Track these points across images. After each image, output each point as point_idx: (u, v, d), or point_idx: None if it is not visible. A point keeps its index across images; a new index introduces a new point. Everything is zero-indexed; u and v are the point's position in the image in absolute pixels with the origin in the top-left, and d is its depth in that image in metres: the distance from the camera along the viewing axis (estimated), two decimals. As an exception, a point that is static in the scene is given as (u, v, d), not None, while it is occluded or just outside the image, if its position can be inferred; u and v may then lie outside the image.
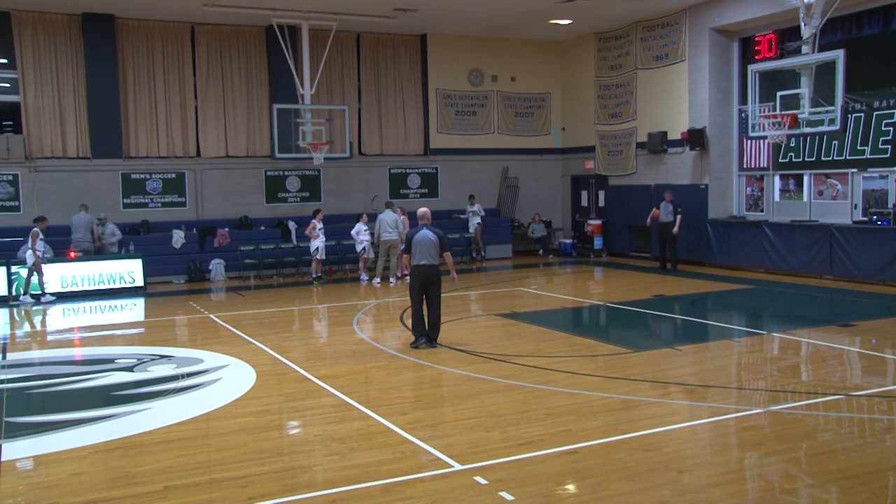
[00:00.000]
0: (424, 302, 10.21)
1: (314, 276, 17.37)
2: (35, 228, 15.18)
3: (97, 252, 16.66)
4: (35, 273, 15.10)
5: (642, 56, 20.00)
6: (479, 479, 5.58)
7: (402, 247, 10.55)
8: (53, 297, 15.38)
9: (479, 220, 20.50)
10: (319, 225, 17.20)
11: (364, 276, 17.24)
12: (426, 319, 10.21)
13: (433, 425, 7.01)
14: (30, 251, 15.01)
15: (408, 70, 21.40)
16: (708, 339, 10.81)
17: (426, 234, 10.14)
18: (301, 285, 17.13)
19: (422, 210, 10.76)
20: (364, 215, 17.52)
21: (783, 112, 13.69)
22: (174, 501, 5.37)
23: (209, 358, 9.82)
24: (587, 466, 5.82)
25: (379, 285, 16.52)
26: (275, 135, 18.21)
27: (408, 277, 10.32)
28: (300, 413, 7.58)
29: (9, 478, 5.90)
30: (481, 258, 20.60)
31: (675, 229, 17.39)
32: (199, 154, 19.36)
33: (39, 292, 15.29)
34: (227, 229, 18.65)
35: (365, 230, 17.18)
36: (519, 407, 7.37)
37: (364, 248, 17.25)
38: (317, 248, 17.26)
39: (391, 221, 16.64)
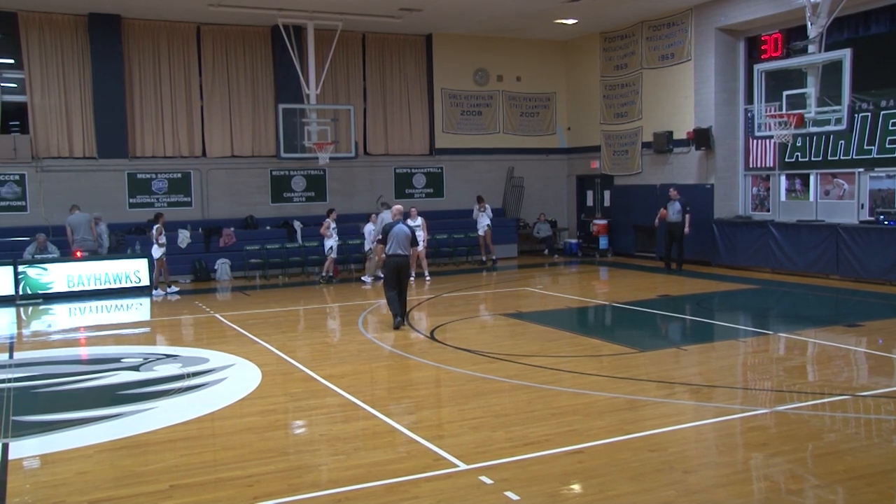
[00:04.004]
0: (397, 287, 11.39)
1: (323, 274, 17.41)
2: (158, 225, 15.86)
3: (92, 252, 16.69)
4: (159, 268, 15.98)
5: (648, 56, 19.96)
6: (484, 478, 5.57)
7: (379, 237, 11.66)
8: (161, 294, 16.01)
9: (487, 222, 19.62)
10: (333, 224, 17.26)
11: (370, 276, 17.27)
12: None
13: (438, 425, 7.01)
14: (155, 246, 15.78)
15: (413, 70, 21.41)
16: (714, 340, 10.79)
17: (402, 227, 11.40)
18: (306, 285, 17.15)
19: (397, 207, 12.15)
20: (374, 215, 17.55)
21: (789, 111, 13.64)
22: (180, 500, 5.38)
23: (215, 357, 9.83)
24: (592, 466, 5.81)
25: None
26: (280, 135, 18.24)
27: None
28: (305, 412, 7.59)
29: (16, 476, 5.91)
30: (492, 262, 19.65)
31: (687, 229, 17.35)
32: (204, 154, 19.40)
33: (150, 284, 16.23)
34: (232, 229, 18.67)
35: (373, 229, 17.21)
36: (524, 407, 7.36)
37: (371, 248, 17.27)
38: (331, 248, 17.31)
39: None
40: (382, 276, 11.90)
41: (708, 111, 18.29)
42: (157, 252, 15.85)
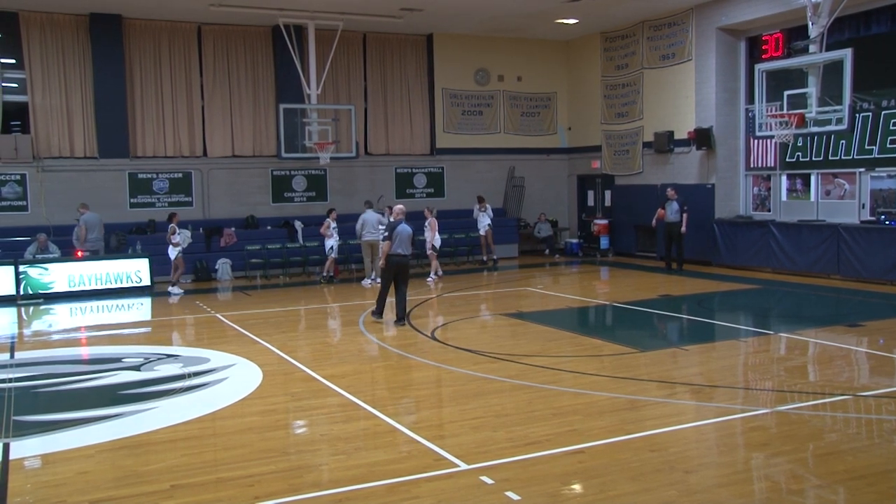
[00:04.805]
0: (393, 286, 11.66)
1: (324, 274, 17.42)
2: (172, 224, 15.94)
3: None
4: (175, 266, 16.04)
5: (649, 55, 19.96)
6: (485, 478, 5.57)
7: (385, 234, 11.85)
8: (180, 292, 16.08)
9: (488, 222, 19.58)
10: (334, 224, 17.27)
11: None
12: (395, 302, 11.67)
13: (439, 425, 7.01)
14: (171, 246, 15.82)
15: (414, 70, 21.41)
16: (715, 339, 10.79)
17: (405, 227, 11.59)
18: (307, 285, 17.15)
19: (399, 207, 12.20)
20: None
21: (790, 111, 13.63)
22: (180, 500, 5.38)
23: (216, 357, 9.84)
24: (593, 466, 5.81)
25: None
26: (281, 134, 18.25)
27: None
28: (306, 412, 7.59)
29: (17, 476, 5.92)
30: (492, 261, 19.66)
31: (683, 229, 17.35)
32: (205, 154, 19.41)
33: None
34: (233, 229, 18.67)
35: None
36: (525, 407, 7.36)
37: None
38: (332, 247, 17.32)
39: (374, 221, 16.60)
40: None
41: (709, 111, 18.28)
42: (172, 252, 15.86)
